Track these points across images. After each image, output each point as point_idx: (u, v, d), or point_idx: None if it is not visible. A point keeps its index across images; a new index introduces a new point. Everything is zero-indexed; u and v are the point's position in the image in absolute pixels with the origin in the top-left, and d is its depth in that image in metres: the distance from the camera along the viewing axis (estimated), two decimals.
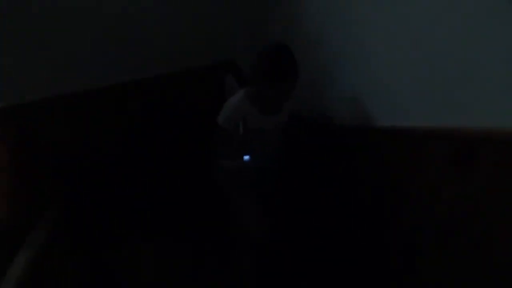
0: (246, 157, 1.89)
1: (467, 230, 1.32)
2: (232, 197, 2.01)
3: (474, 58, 1.16)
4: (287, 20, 2.27)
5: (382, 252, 1.87)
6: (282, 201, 2.29)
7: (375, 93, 1.68)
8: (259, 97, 1.65)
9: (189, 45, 2.69)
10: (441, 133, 1.35)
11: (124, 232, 2.42)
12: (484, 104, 1.18)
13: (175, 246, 2.34)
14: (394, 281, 1.81)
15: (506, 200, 1.15)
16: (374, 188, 1.85)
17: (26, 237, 1.72)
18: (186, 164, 2.72)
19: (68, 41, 2.34)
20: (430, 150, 1.43)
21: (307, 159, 2.23)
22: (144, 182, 2.70)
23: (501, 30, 1.05)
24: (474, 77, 1.18)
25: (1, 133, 2.22)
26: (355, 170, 1.97)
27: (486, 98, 1.16)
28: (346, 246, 2.10)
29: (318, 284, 2.03)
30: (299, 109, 2.09)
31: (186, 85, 2.81)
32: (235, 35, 2.81)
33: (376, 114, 1.70)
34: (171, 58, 2.67)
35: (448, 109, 1.32)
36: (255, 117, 1.71)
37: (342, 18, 1.76)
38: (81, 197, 2.58)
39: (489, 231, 1.23)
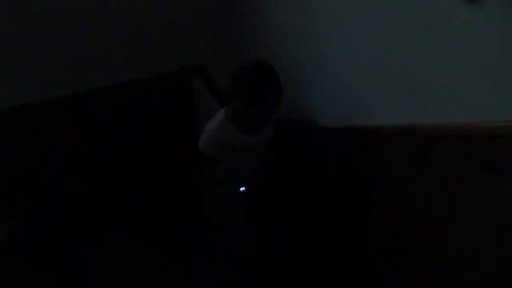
0: (242, 189, 1.77)
1: (429, 221, 1.39)
2: (221, 223, 1.94)
3: (428, 58, 1.22)
4: (254, 25, 2.30)
5: (357, 247, 1.91)
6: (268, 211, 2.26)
7: (339, 95, 1.73)
8: (241, 118, 1.54)
9: (157, 51, 2.67)
10: (402, 131, 1.41)
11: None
12: (439, 101, 1.24)
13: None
14: (371, 274, 1.85)
15: (461, 190, 1.21)
16: (344, 186, 1.89)
17: None
18: (155, 170, 2.69)
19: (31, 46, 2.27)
20: (392, 147, 1.49)
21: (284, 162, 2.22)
22: (115, 189, 2.64)
23: (453, 32, 1.11)
24: (428, 76, 1.24)
25: None
26: (322, 170, 2.02)
27: (440, 95, 1.23)
28: (322, 245, 2.13)
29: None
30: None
31: (155, 90, 2.78)
32: (203, 40, 2.82)
33: (342, 115, 1.75)
34: (140, 63, 2.64)
35: (408, 107, 1.38)
36: (239, 137, 1.60)
37: (304, 19, 1.80)
38: (43, 208, 2.50)
39: (448, 221, 1.30)
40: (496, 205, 1.12)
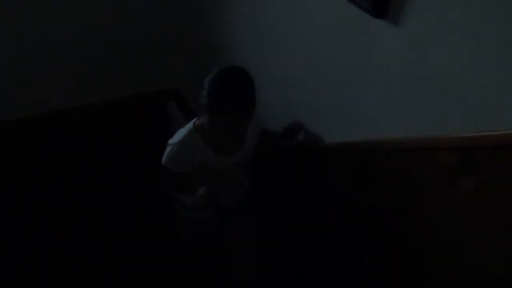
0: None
1: (371, 230, 1.48)
2: (188, 247, 1.89)
3: (360, 79, 1.32)
4: (226, 46, 2.37)
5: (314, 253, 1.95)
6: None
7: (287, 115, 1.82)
8: (212, 132, 1.33)
9: (131, 73, 2.74)
10: (345, 148, 1.49)
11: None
12: (373, 119, 1.33)
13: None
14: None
15: (398, 200, 1.30)
16: (298, 199, 1.95)
17: None
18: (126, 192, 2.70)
19: None
20: (339, 162, 1.57)
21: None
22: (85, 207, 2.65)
23: (377, 53, 1.21)
24: (358, 96, 1.34)
25: None
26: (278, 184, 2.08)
27: (367, 114, 1.33)
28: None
29: None
30: None
31: (128, 113, 2.83)
32: (178, 64, 2.89)
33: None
34: (114, 86, 2.71)
35: (344, 126, 1.48)
36: (209, 157, 1.41)
37: (265, 40, 1.91)
38: None
39: (386, 231, 1.39)
40: (422, 217, 1.20)
